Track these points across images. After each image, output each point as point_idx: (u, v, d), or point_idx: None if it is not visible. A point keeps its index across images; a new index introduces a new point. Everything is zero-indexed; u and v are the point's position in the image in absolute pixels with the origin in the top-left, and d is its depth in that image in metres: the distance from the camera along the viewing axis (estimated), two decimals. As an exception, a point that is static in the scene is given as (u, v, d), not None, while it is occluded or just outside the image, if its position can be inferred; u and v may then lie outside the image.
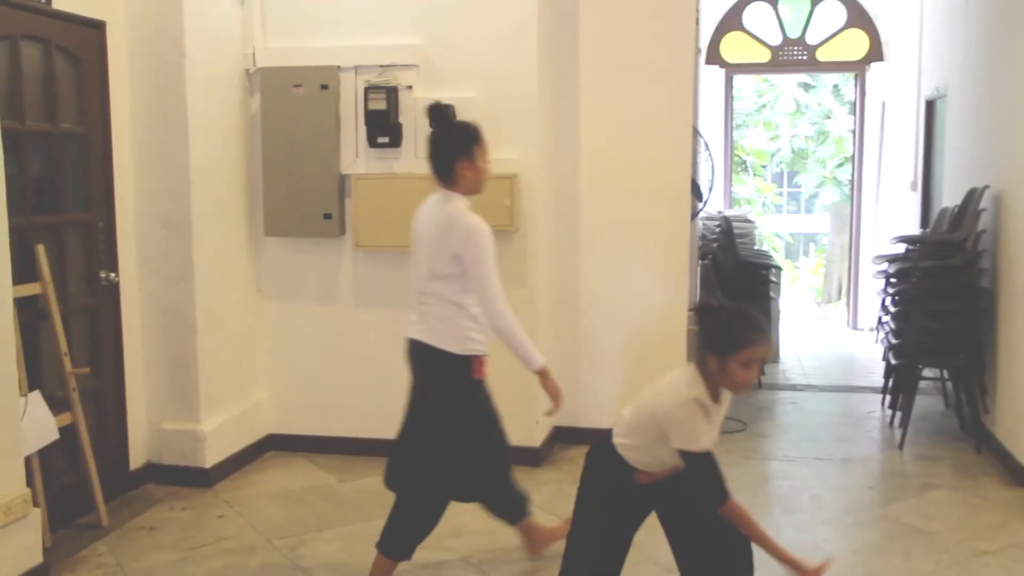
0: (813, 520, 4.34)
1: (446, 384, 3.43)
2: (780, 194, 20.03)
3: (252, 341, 5.19)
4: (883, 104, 9.23)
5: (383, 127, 4.91)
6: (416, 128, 4.92)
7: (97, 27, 4.33)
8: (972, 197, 5.39)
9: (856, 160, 9.70)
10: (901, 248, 5.74)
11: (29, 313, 4.00)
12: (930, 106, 7.42)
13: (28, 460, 3.76)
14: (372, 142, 4.96)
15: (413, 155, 4.96)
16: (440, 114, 3.46)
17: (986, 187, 5.27)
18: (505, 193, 4.82)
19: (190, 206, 4.62)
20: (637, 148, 5.21)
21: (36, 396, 3.88)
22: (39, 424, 3.86)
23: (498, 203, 4.83)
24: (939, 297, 5.23)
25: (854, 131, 9.82)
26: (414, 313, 3.48)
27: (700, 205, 6.11)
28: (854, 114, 9.81)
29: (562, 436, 5.33)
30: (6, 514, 3.41)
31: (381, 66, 4.93)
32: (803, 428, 5.90)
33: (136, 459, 4.72)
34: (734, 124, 14.94)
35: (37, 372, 4.02)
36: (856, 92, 9.79)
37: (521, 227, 4.92)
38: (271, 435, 5.31)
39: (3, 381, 3.47)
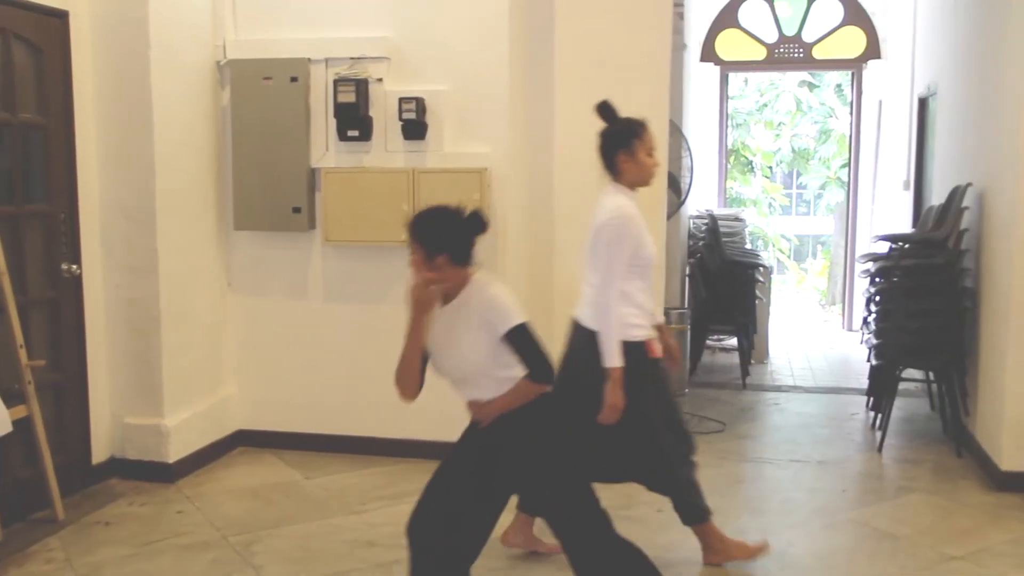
0: (781, 523, 4.25)
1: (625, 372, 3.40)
2: (788, 195, 19.87)
3: (222, 335, 5.15)
4: (880, 102, 9.12)
5: (353, 120, 4.85)
6: (386, 121, 4.87)
7: (59, 16, 4.30)
8: (955, 195, 5.29)
9: (853, 159, 9.58)
10: (886, 247, 5.63)
11: (-14, 304, 3.96)
12: (923, 104, 7.30)
13: (-21, 453, 3.73)
14: (342, 135, 4.89)
15: (383, 148, 4.91)
16: (605, 110, 3.57)
17: (968, 185, 5.17)
18: (475, 187, 4.75)
19: (155, 198, 4.57)
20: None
21: (-10, 389, 3.84)
22: (-9, 417, 3.82)
23: (467, 197, 4.73)
24: (920, 297, 5.13)
25: (851, 130, 9.69)
26: (582, 298, 3.57)
27: (679, 202, 6.02)
28: (851, 113, 9.67)
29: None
30: (-53, 507, 3.37)
31: (352, 59, 4.87)
32: (783, 430, 5.81)
33: (99, 453, 4.68)
34: (736, 123, 14.87)
35: (-8, 364, 3.99)
36: (853, 90, 9.67)
37: (492, 222, 4.84)
38: (241, 431, 5.26)
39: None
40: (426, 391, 5.01)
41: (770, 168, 18.72)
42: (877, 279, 5.60)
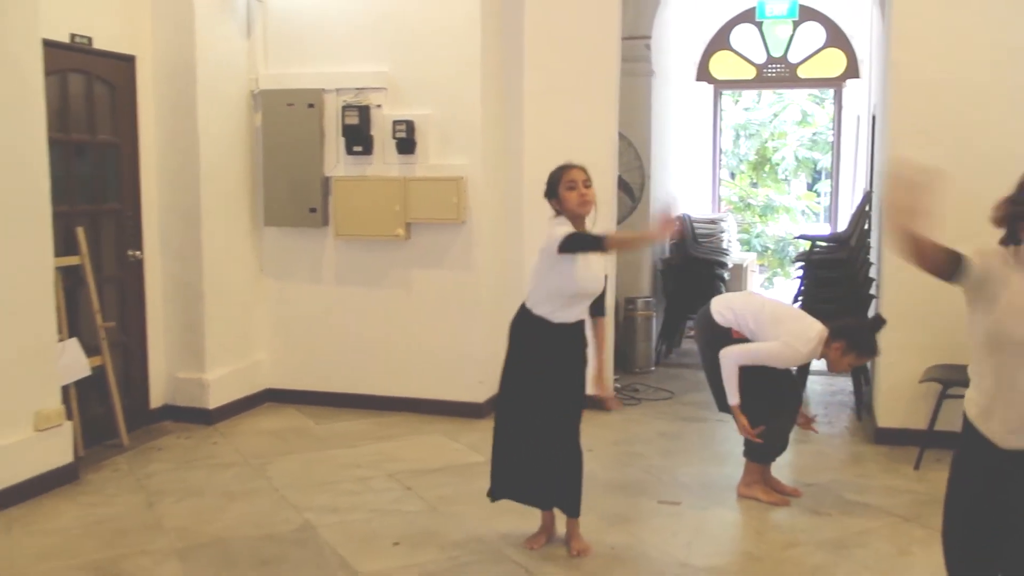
0: (681, 460, 5.29)
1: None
2: (818, 203, 20.56)
3: (254, 311, 6.38)
4: (858, 118, 10.01)
5: (357, 138, 6.05)
6: (384, 139, 6.05)
7: (128, 61, 5.58)
8: (864, 199, 6.27)
9: (834, 171, 10.48)
10: (807, 245, 6.62)
11: (72, 279, 5.25)
12: (875, 120, 8.22)
13: (66, 389, 4.99)
14: (349, 150, 6.10)
15: (382, 161, 6.10)
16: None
17: (871, 190, 6.15)
18: (453, 192, 5.91)
19: (200, 200, 5.82)
20: (572, 154, 6.19)
21: (74, 342, 5.12)
22: (75, 362, 5.09)
23: (447, 201, 5.93)
24: (827, 286, 6.12)
25: (833, 144, 10.59)
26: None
27: (633, 205, 7.08)
28: (833, 127, 10.58)
29: (507, 396, 6.37)
30: (45, 420, 4.64)
31: (356, 89, 6.07)
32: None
33: (156, 400, 5.95)
34: (749, 134, 15.76)
35: (77, 324, 5.26)
36: (835, 107, 10.57)
37: (467, 221, 6.00)
38: (269, 389, 6.48)
39: (43, 324, 4.71)
40: (411, 357, 6.17)
41: (799, 174, 19.47)
42: (800, 272, 6.59)
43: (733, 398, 4.39)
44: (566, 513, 4.02)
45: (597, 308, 4.06)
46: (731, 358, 4.37)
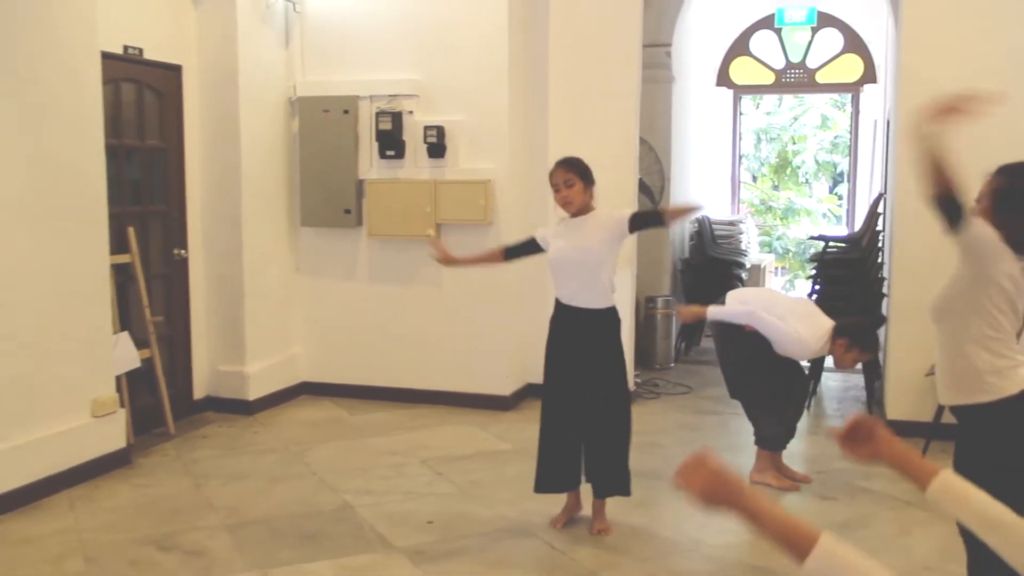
0: (693, 448, 5.54)
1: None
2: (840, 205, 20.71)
3: (291, 307, 6.70)
4: (875, 123, 10.21)
5: (390, 143, 6.36)
6: (416, 144, 6.35)
7: (175, 70, 5.92)
8: (877, 201, 6.50)
9: (852, 174, 10.68)
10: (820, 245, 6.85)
11: (123, 276, 5.58)
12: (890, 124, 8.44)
13: (118, 379, 5.31)
14: (382, 154, 6.41)
15: (413, 164, 6.40)
16: None
17: (883, 193, 6.38)
18: (480, 194, 6.20)
19: (241, 202, 6.15)
20: (594, 158, 6.48)
21: (125, 335, 5.45)
22: (126, 354, 5.42)
23: (475, 202, 6.22)
24: (840, 284, 6.36)
25: (850, 148, 10.80)
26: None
27: (653, 206, 7.34)
28: (850, 131, 10.78)
29: (532, 390, 6.64)
30: (101, 407, 4.97)
31: (390, 96, 6.38)
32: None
33: (199, 391, 6.27)
34: (770, 138, 15.96)
35: (127, 318, 5.60)
36: (852, 112, 10.78)
37: (495, 221, 6.28)
38: (304, 382, 6.80)
39: (100, 317, 5.04)
40: (440, 352, 6.47)
41: (820, 177, 19.62)
42: (814, 272, 6.83)
43: (711, 312, 4.69)
44: (594, 493, 4.30)
45: (654, 220, 4.57)
46: (747, 313, 4.64)
